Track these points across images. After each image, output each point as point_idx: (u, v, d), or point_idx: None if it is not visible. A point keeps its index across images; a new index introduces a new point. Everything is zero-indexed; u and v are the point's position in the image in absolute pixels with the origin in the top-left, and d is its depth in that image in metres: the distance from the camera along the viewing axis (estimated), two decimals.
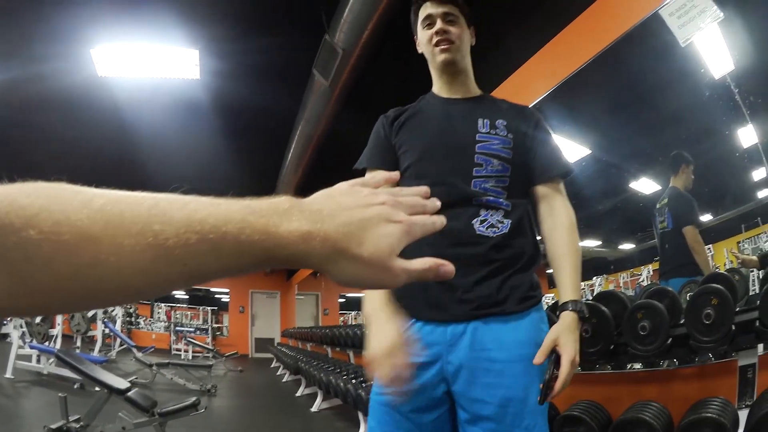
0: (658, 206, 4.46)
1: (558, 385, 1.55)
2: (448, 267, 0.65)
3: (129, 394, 4.49)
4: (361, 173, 1.91)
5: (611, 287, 8.85)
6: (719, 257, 5.84)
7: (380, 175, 0.74)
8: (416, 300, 1.70)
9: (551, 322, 1.75)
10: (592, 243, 12.29)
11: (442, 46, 1.88)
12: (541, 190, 1.87)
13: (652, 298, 2.88)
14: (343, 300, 23.06)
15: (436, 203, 0.71)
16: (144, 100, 7.87)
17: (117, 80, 7.15)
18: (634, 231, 8.79)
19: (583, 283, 8.93)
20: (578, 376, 3.43)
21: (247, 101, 7.93)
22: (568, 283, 1.75)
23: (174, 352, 16.45)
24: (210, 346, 16.14)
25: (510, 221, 1.75)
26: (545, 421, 1.68)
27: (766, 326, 2.35)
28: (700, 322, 2.49)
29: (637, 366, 3.20)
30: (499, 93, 4.75)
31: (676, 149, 4.58)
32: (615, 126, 6.39)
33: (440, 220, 0.67)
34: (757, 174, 5.10)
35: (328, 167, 7.12)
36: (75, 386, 7.57)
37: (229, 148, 9.70)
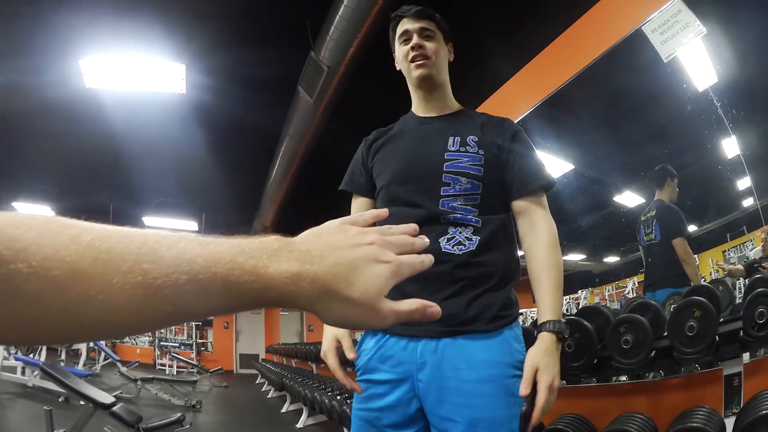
0: (643, 218, 4.46)
1: (536, 413, 1.55)
2: (435, 309, 0.65)
3: (114, 408, 4.46)
4: (349, 194, 2.06)
5: (597, 300, 8.87)
6: (704, 267, 5.89)
7: (369, 213, 0.75)
8: None
9: (528, 340, 1.74)
10: (576, 257, 12.31)
11: (418, 62, 1.88)
12: (519, 204, 1.85)
13: (635, 312, 2.89)
14: None
15: (425, 241, 0.71)
16: (131, 112, 7.89)
17: (104, 92, 7.15)
18: (619, 244, 8.81)
19: (568, 297, 8.94)
20: (563, 390, 3.45)
21: (232, 116, 7.96)
22: (546, 303, 1.71)
23: (159, 367, 16.32)
24: (195, 362, 16.04)
25: (479, 238, 1.73)
26: None
27: (750, 335, 2.38)
28: (683, 335, 2.50)
29: (623, 378, 3.21)
30: (483, 109, 4.79)
31: (661, 162, 4.61)
32: (598, 141, 6.44)
33: (428, 259, 0.68)
34: (742, 183, 5.15)
35: (314, 183, 7.13)
36: (60, 399, 7.49)
37: (215, 162, 9.71)
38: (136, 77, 6.75)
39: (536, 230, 1.81)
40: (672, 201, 4.37)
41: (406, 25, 1.92)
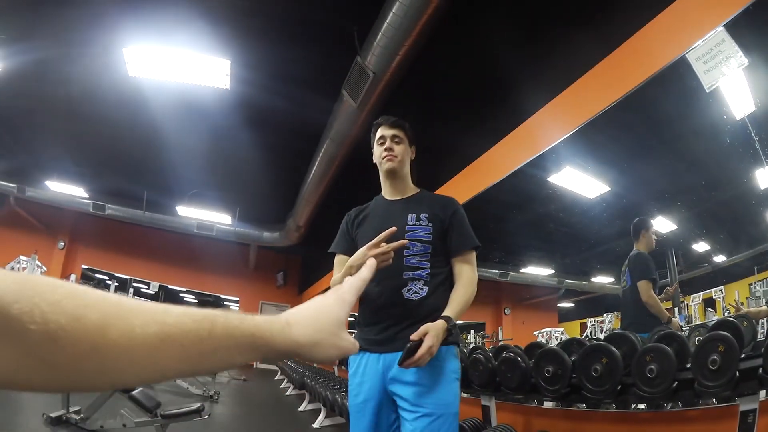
0: (623, 269, 4.81)
1: (418, 355, 2.11)
2: None
3: (133, 392, 4.51)
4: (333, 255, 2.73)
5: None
6: (730, 299, 5.82)
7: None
8: (361, 340, 2.45)
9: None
10: (605, 279, 12.21)
11: (388, 157, 2.61)
12: (455, 260, 2.55)
13: (661, 342, 2.90)
14: (353, 319, 23.00)
15: None
16: (172, 103, 8.02)
17: (147, 81, 7.30)
18: None
19: (593, 319, 8.85)
20: (581, 413, 3.46)
21: (274, 114, 7.99)
22: (453, 307, 2.37)
23: None
24: None
25: (428, 288, 2.43)
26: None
27: None
28: (706, 368, 2.52)
29: (642, 406, 3.21)
30: (523, 129, 4.78)
31: (696, 190, 4.64)
32: (635, 165, 6.40)
33: None
34: None
35: (351, 187, 7.10)
36: None
37: (253, 158, 9.75)
38: (180, 69, 6.85)
39: (462, 275, 2.53)
40: (650, 249, 4.74)
41: (383, 131, 2.66)
